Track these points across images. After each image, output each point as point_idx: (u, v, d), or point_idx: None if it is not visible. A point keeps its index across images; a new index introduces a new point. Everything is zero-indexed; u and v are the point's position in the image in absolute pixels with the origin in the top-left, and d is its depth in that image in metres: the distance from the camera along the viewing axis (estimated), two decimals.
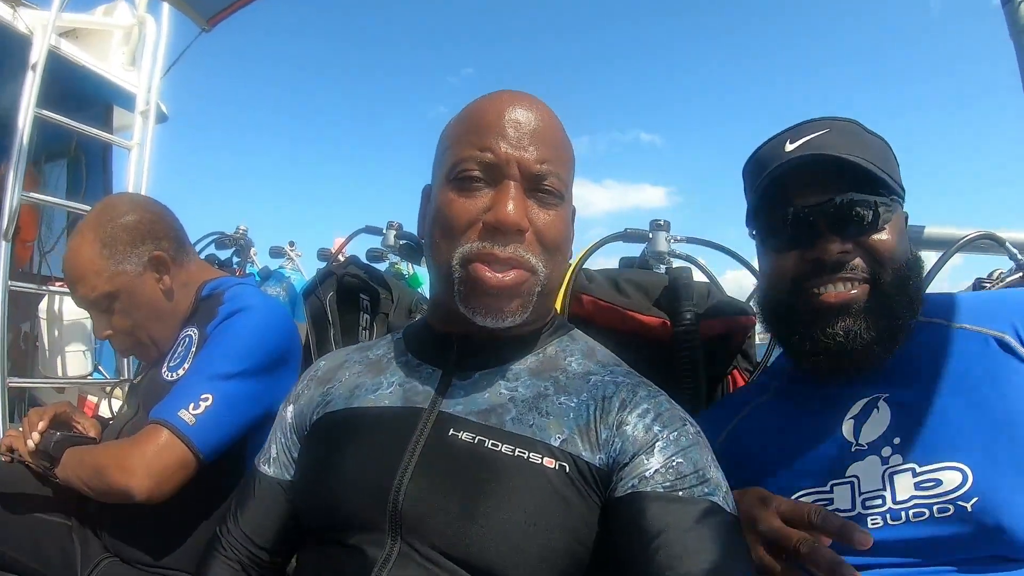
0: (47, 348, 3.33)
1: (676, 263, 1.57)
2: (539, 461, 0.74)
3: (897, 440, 0.86)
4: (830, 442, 0.91)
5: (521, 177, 0.80)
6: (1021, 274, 1.61)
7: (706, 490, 0.72)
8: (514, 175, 0.79)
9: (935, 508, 0.80)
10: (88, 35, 3.49)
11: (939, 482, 0.80)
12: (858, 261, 0.89)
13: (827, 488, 0.88)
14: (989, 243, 1.66)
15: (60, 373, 3.25)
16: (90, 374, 3.35)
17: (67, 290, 3.18)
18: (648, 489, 0.71)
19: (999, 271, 1.73)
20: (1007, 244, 1.62)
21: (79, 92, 3.29)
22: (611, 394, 0.80)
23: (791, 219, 0.91)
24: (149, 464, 1.11)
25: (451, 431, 0.79)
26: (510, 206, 0.77)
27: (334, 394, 0.90)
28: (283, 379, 1.28)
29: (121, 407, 1.57)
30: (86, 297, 1.35)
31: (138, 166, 3.06)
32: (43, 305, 3.33)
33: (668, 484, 0.72)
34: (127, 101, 3.36)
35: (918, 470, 0.82)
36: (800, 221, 0.91)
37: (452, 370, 0.86)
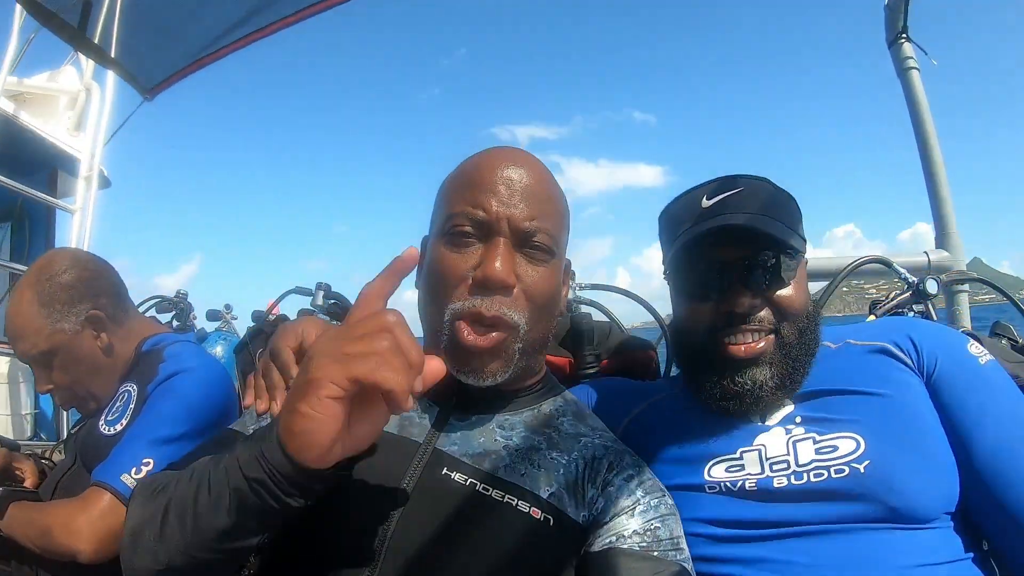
0: None
1: (584, 308, 1.70)
2: (527, 510, 0.78)
3: (799, 419, 0.98)
4: (739, 423, 1.01)
5: (511, 233, 0.83)
6: (911, 291, 1.75)
7: (679, 556, 0.78)
8: (504, 232, 0.82)
9: (832, 469, 0.90)
10: (34, 99, 3.55)
11: (836, 447, 0.92)
12: (765, 313, 0.97)
13: (736, 455, 0.97)
14: (879, 267, 1.84)
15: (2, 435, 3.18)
16: (31, 438, 3.29)
17: (6, 352, 3.19)
18: (625, 546, 0.76)
19: (895, 292, 1.85)
20: (895, 265, 1.78)
21: (25, 155, 3.35)
22: (600, 456, 0.85)
23: (707, 274, 0.99)
24: (94, 527, 1.14)
25: (444, 470, 0.80)
26: (498, 263, 0.80)
27: None
28: None
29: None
30: (26, 353, 1.37)
31: (80, 230, 3.10)
32: None
33: (645, 544, 0.77)
34: (71, 166, 3.42)
35: (818, 438, 0.94)
36: (715, 276, 0.98)
37: (450, 409, 0.88)
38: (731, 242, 0.98)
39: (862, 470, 0.89)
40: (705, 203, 1.01)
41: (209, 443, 0.90)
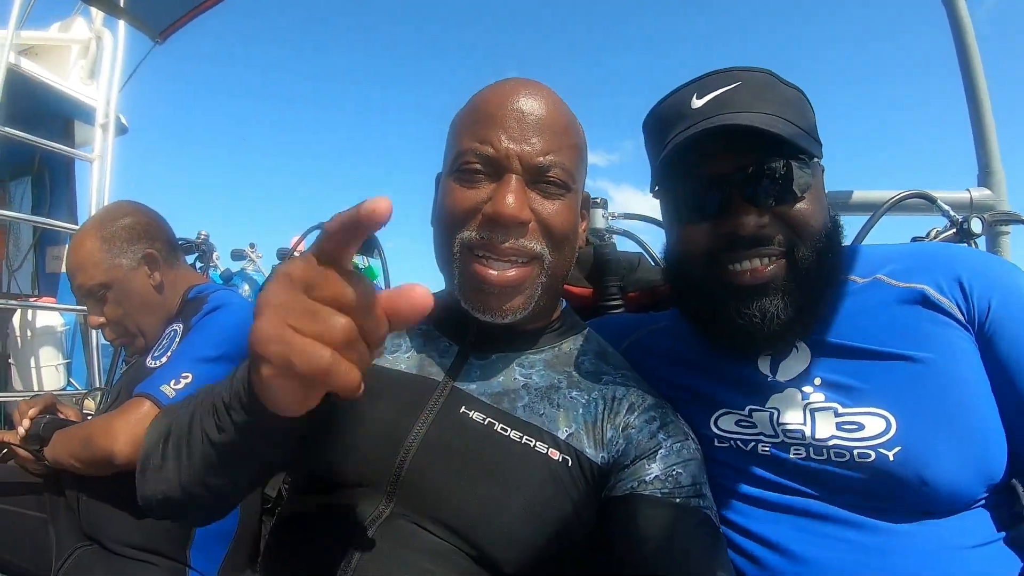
0: (20, 363, 3.35)
1: (616, 238, 1.66)
2: (544, 451, 0.76)
3: (818, 380, 0.83)
4: (745, 372, 0.88)
5: (523, 170, 0.78)
6: (955, 230, 1.68)
7: (701, 503, 0.75)
8: (515, 168, 0.78)
9: (855, 452, 0.77)
10: (46, 51, 3.51)
11: (861, 426, 0.78)
12: (775, 234, 0.82)
13: (745, 412, 0.86)
14: (921, 202, 1.76)
15: (34, 387, 3.28)
16: (63, 387, 3.38)
17: (37, 305, 3.25)
18: (647, 492, 0.74)
19: (935, 229, 1.78)
20: (939, 202, 1.71)
21: (40, 108, 3.32)
22: (621, 396, 0.82)
23: (702, 189, 0.84)
24: (131, 430, 1.20)
25: (463, 408, 0.79)
26: (509, 199, 0.76)
27: None
28: None
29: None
30: (84, 285, 1.47)
31: (100, 178, 3.10)
32: (15, 321, 3.35)
33: (666, 491, 0.74)
34: (87, 115, 3.40)
35: (840, 411, 0.80)
36: (712, 191, 0.83)
37: (469, 348, 0.86)
38: (729, 148, 0.82)
39: (891, 457, 0.76)
40: (695, 103, 0.84)
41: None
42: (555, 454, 0.76)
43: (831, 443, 0.79)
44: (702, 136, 0.81)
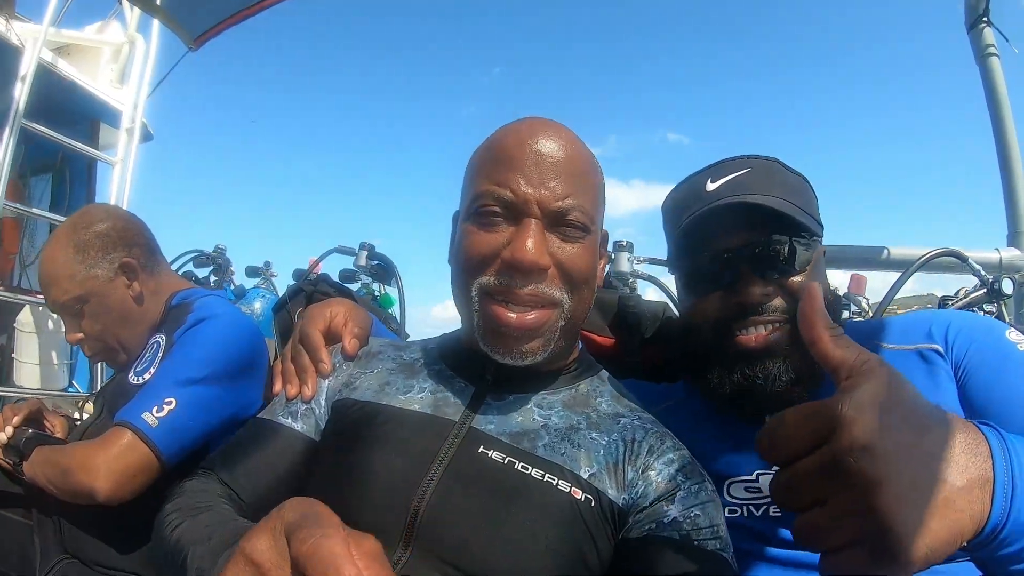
0: (24, 360, 3.33)
1: (640, 282, 1.63)
2: (568, 490, 0.74)
3: None
4: (751, 436, 0.93)
5: (542, 214, 0.78)
6: (985, 290, 1.65)
7: (719, 545, 0.74)
8: (534, 213, 0.77)
9: None
10: (79, 51, 3.56)
11: None
12: (779, 302, 0.89)
13: (753, 477, 0.90)
14: (952, 261, 1.73)
15: (36, 385, 3.25)
16: (65, 388, 3.35)
17: (44, 302, 3.23)
18: (665, 534, 0.73)
19: (964, 289, 1.75)
20: (970, 261, 1.68)
21: (67, 107, 3.36)
22: (640, 438, 0.81)
23: (713, 262, 0.92)
24: (112, 465, 1.13)
25: (481, 448, 0.78)
26: (529, 244, 0.76)
27: (362, 381, 0.88)
28: (247, 388, 1.31)
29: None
30: (58, 300, 1.38)
31: (120, 182, 3.11)
32: (21, 317, 3.34)
33: (684, 532, 0.73)
34: (113, 118, 3.43)
35: None
36: (722, 264, 0.91)
37: (487, 389, 0.85)
38: (739, 226, 0.90)
39: None
40: (710, 186, 0.93)
41: (244, 434, 0.90)
42: (578, 493, 0.75)
43: None
44: (718, 212, 0.90)
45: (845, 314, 2.20)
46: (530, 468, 0.76)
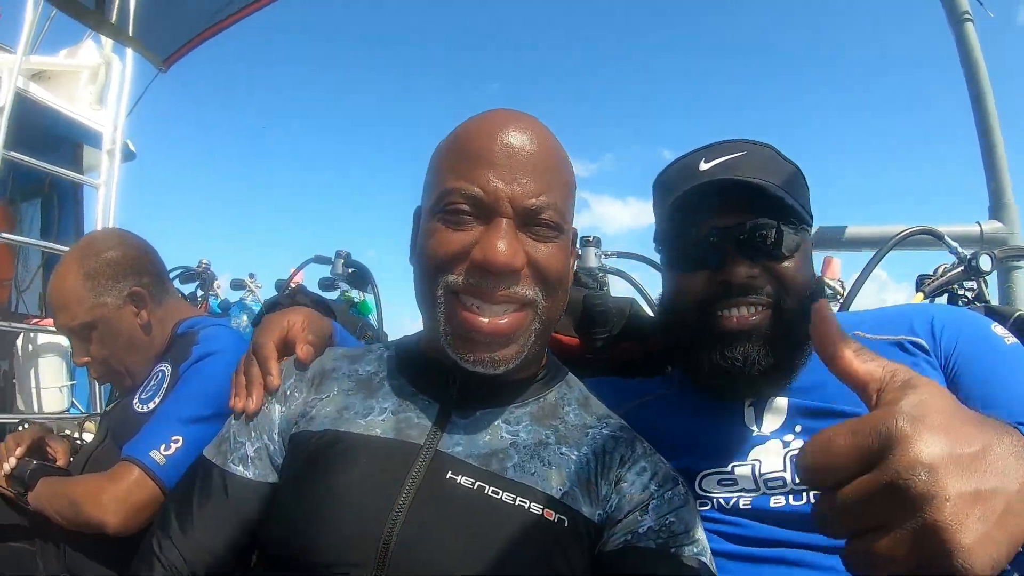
0: (24, 384, 3.37)
1: (610, 277, 1.63)
2: (539, 512, 0.72)
3: (798, 428, 0.90)
4: (731, 430, 0.94)
5: (514, 213, 0.74)
6: (963, 267, 1.62)
7: (695, 550, 0.74)
8: (506, 211, 0.73)
9: None
10: (56, 76, 3.56)
11: None
12: (764, 285, 0.89)
13: (728, 469, 0.90)
14: (927, 238, 1.71)
15: (37, 409, 3.29)
16: (66, 410, 3.39)
17: (43, 328, 3.27)
18: (641, 545, 0.72)
19: (943, 266, 1.73)
20: (946, 238, 1.65)
21: (48, 132, 3.37)
22: (611, 449, 0.80)
23: (701, 240, 0.91)
24: (121, 501, 1.17)
25: (449, 474, 0.74)
26: (501, 244, 0.72)
27: (319, 410, 0.83)
28: None
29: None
30: (66, 325, 1.41)
31: (105, 204, 3.13)
32: (20, 342, 3.37)
33: (661, 541, 0.72)
34: (95, 140, 3.44)
35: None
36: (710, 243, 0.90)
37: (451, 406, 0.81)
38: (730, 206, 0.89)
39: None
40: (703, 166, 0.93)
41: (194, 486, 0.84)
42: (550, 514, 0.73)
43: None
44: (709, 190, 0.89)
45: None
46: (500, 492, 0.73)
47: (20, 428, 1.53)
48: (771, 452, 0.89)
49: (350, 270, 1.94)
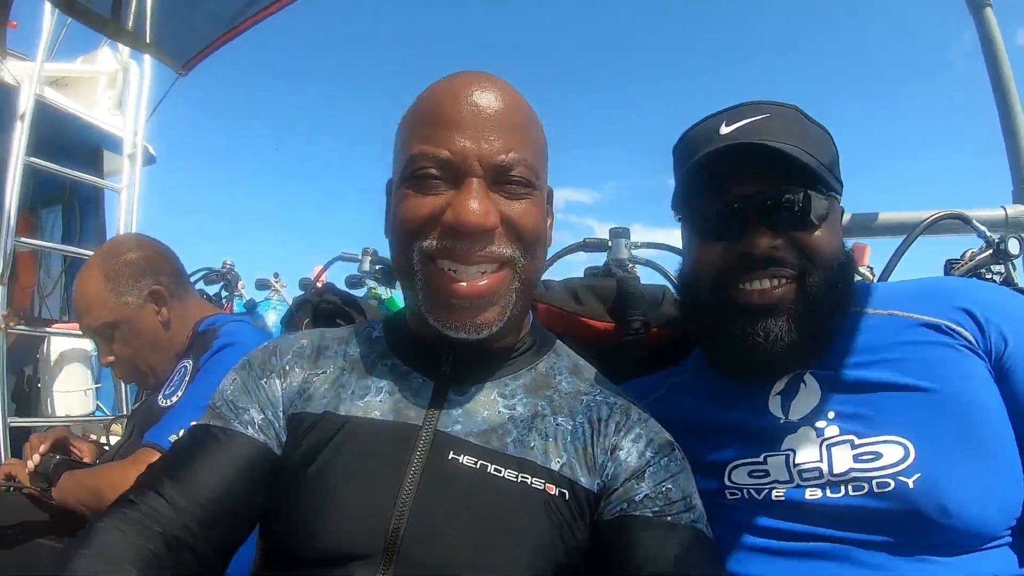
0: (49, 389, 3.42)
1: (640, 268, 1.63)
2: (541, 487, 0.72)
3: (831, 414, 0.83)
4: (758, 417, 0.88)
5: (484, 172, 0.72)
6: (991, 251, 1.61)
7: (692, 516, 0.73)
8: (475, 171, 0.72)
9: (874, 482, 0.76)
10: (74, 82, 3.61)
11: (879, 455, 0.77)
12: (788, 257, 0.83)
13: (760, 459, 0.85)
14: (956, 223, 1.69)
15: (62, 413, 3.33)
16: (92, 413, 3.43)
17: (67, 332, 3.32)
18: (638, 513, 0.71)
19: (970, 251, 1.72)
20: (974, 222, 1.64)
21: (69, 138, 3.41)
22: (605, 416, 0.79)
23: (720, 209, 0.86)
24: None
25: (451, 454, 0.73)
26: (473, 204, 0.70)
27: (316, 387, 0.81)
28: None
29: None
30: (91, 326, 1.46)
31: (128, 207, 3.17)
32: (44, 347, 3.42)
33: (657, 509, 0.71)
34: (115, 145, 3.48)
35: (857, 442, 0.79)
36: (730, 212, 0.85)
37: (446, 383, 0.79)
38: (751, 172, 0.84)
39: (911, 485, 0.74)
40: (724, 129, 0.87)
41: (190, 443, 0.79)
42: (552, 488, 0.72)
43: (849, 476, 0.78)
44: (727, 155, 0.83)
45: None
46: (503, 470, 0.72)
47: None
48: (805, 440, 0.83)
49: (377, 267, 1.96)
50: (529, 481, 0.72)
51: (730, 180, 0.85)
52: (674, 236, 1.08)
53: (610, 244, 1.60)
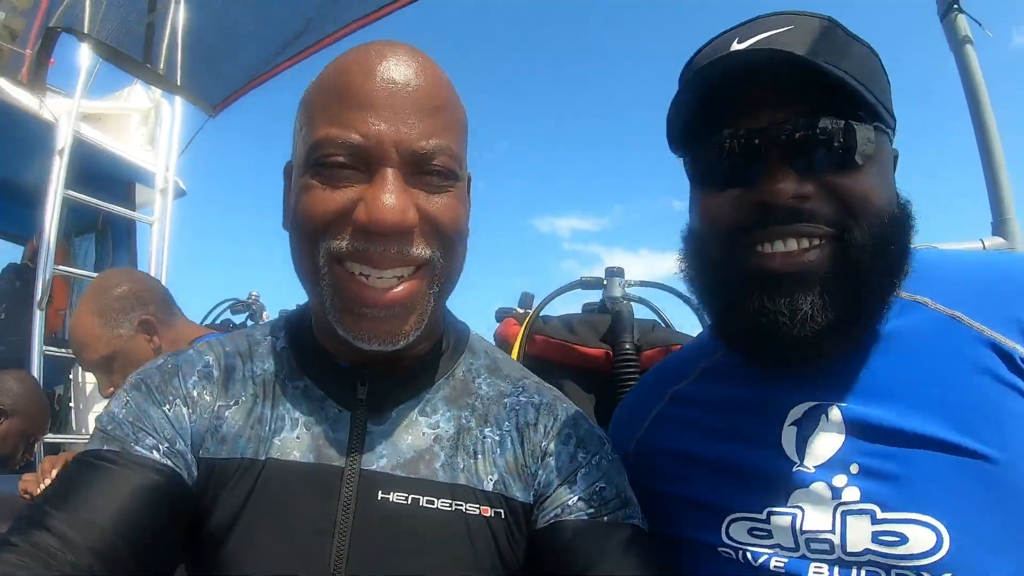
0: (81, 408, 3.60)
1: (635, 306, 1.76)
2: (476, 511, 0.68)
3: (854, 467, 0.64)
4: (766, 454, 0.69)
5: (401, 160, 0.63)
6: None
7: (628, 512, 0.70)
8: (391, 160, 0.63)
9: (894, 572, 0.59)
10: (108, 118, 3.84)
11: (904, 539, 0.59)
12: (822, 209, 0.63)
13: (763, 516, 0.67)
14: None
15: (91, 430, 3.49)
16: None
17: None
18: (572, 517, 0.68)
19: None
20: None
21: (103, 172, 3.62)
22: (532, 420, 0.74)
23: (729, 144, 0.66)
24: None
25: (380, 494, 0.67)
26: (389, 199, 0.61)
27: (229, 426, 0.70)
28: None
29: None
30: (89, 361, 1.56)
31: (159, 239, 3.35)
32: (75, 368, 3.61)
33: (592, 511, 0.68)
34: (147, 179, 3.69)
35: (879, 515, 0.61)
36: (742, 148, 0.65)
37: (364, 412, 0.71)
38: (770, 97, 0.64)
39: None
40: (736, 46, 0.67)
41: (77, 472, 0.66)
42: (487, 510, 0.68)
43: (865, 557, 0.60)
44: (737, 73, 0.64)
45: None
46: (435, 500, 0.67)
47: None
48: (819, 501, 0.64)
49: None
50: (464, 507, 0.68)
51: (744, 108, 0.66)
52: None
53: (605, 282, 1.73)
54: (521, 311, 1.68)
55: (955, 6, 2.44)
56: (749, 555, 0.67)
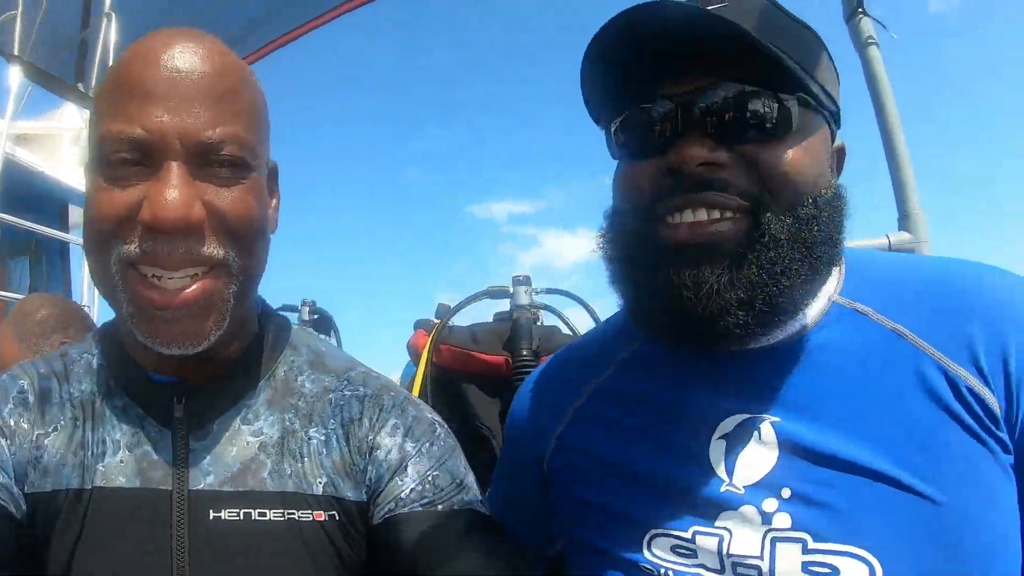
0: None
1: (543, 313, 1.80)
2: (309, 518, 0.67)
3: (786, 491, 0.60)
4: (691, 470, 0.65)
5: (186, 153, 0.60)
6: None
7: (466, 498, 0.69)
8: (175, 153, 0.60)
9: None
10: (40, 139, 3.77)
11: (835, 571, 0.56)
12: (737, 179, 0.59)
13: (688, 534, 0.63)
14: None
15: None
16: None
17: None
18: (406, 510, 0.67)
19: None
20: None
21: (35, 194, 3.55)
22: (357, 415, 0.71)
23: (645, 110, 0.63)
24: None
25: (211, 513, 0.65)
26: (171, 194, 0.59)
27: (51, 455, 0.68)
28: None
29: None
30: None
31: None
32: None
33: (427, 500, 0.68)
34: (81, 200, 3.59)
35: (810, 545, 0.57)
36: (657, 114, 0.62)
37: (184, 430, 0.68)
38: (692, 64, 0.61)
39: None
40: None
41: None
42: (320, 515, 0.67)
43: None
44: (653, 32, 0.60)
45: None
46: (267, 512, 0.66)
47: None
48: (747, 524, 0.61)
49: (315, 316, 2.14)
50: (296, 516, 0.66)
51: (665, 74, 0.63)
52: None
53: (511, 291, 1.77)
54: (436, 322, 1.71)
55: (859, 9, 2.56)
56: (672, 574, 0.63)
